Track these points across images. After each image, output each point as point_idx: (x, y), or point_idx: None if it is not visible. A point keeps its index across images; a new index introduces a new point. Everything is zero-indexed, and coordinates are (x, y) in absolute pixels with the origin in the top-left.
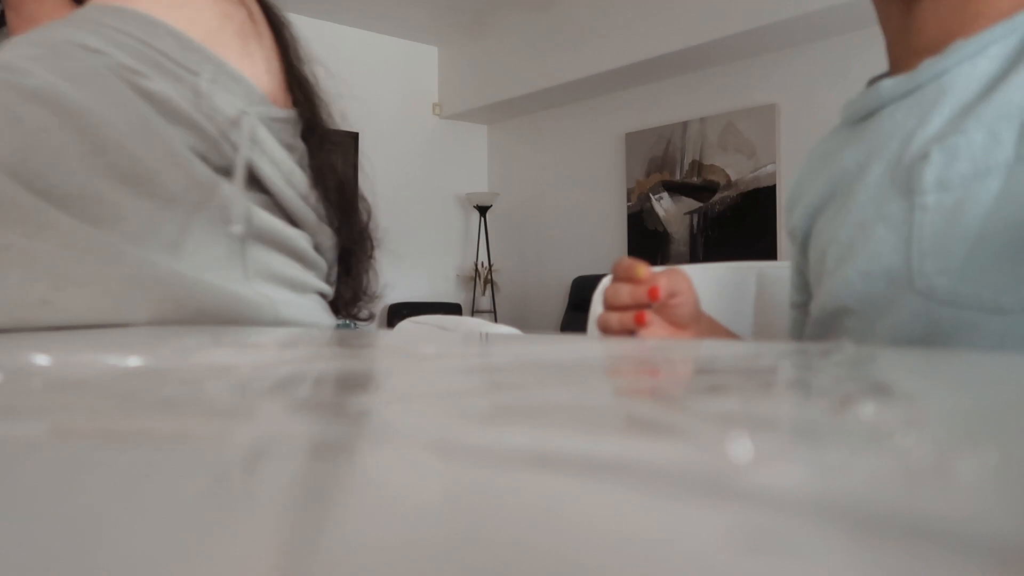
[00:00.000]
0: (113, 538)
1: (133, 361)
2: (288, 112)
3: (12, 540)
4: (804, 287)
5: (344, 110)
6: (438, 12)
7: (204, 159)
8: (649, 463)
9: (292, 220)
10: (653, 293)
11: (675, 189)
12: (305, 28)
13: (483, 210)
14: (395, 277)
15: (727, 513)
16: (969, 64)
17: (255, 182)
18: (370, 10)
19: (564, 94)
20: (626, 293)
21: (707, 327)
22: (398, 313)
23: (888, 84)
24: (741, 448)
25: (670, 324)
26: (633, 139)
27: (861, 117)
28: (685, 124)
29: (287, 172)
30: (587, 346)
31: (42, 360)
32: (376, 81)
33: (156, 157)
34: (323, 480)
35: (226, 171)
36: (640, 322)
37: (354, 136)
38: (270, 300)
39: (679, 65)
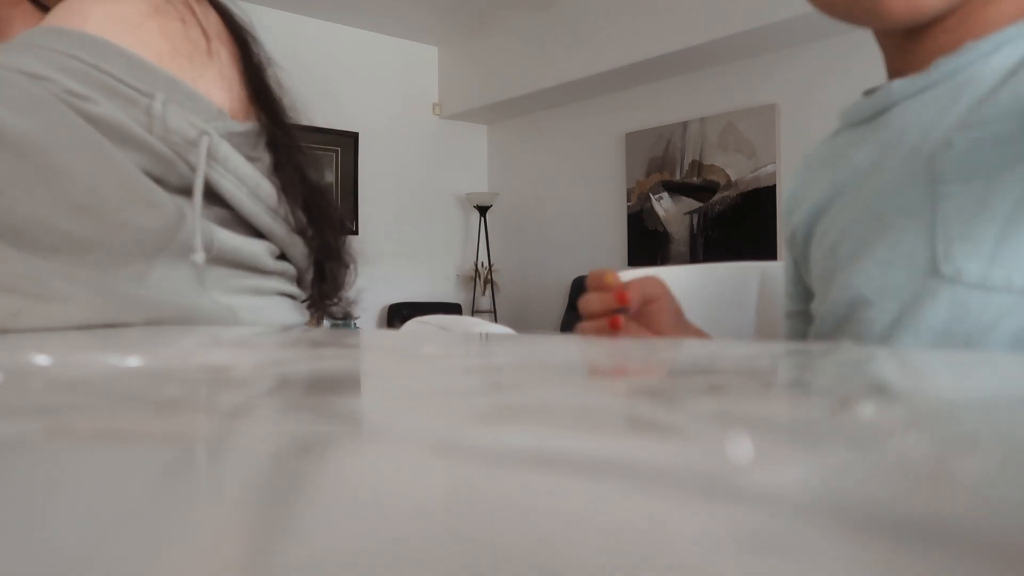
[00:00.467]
0: (113, 537)
1: (133, 361)
2: (249, 125)
3: (11, 538)
4: (802, 296)
5: (345, 110)
6: (438, 12)
7: (160, 182)
8: (649, 463)
9: (258, 233)
10: (622, 297)
11: (675, 189)
12: (305, 28)
13: (483, 210)
14: (395, 277)
15: (727, 513)
16: (983, 62)
17: (217, 199)
18: (370, 10)
19: (564, 94)
20: (597, 301)
21: (691, 335)
22: (398, 313)
23: (900, 83)
24: (741, 448)
25: (651, 331)
26: (633, 139)
27: (867, 118)
28: (685, 124)
29: (253, 186)
30: (586, 346)
31: (42, 360)
32: (376, 81)
33: (110, 183)
34: (320, 480)
35: (185, 192)
36: (614, 327)
37: (354, 136)
38: (229, 308)
39: (679, 65)
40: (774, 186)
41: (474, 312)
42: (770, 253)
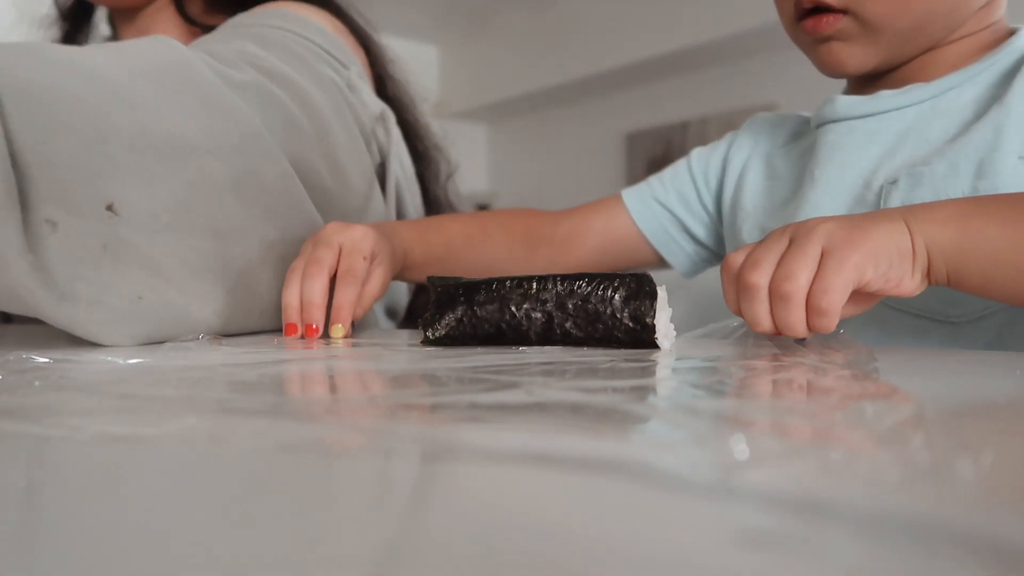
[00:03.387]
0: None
1: (132, 361)
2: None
3: (11, 537)
4: (688, 200)
5: None
6: (438, 12)
7: (366, 151)
8: (649, 463)
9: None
10: (308, 331)
11: None
12: None
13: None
14: None
15: (727, 512)
16: (930, 105)
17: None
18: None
19: (565, 94)
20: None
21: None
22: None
23: (846, 102)
24: (741, 448)
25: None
26: (634, 139)
27: (819, 124)
28: (686, 124)
29: (410, 177)
30: (583, 347)
31: (42, 360)
32: None
33: (346, 146)
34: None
35: (365, 177)
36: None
37: None
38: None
39: (680, 65)
40: None
41: None
42: None
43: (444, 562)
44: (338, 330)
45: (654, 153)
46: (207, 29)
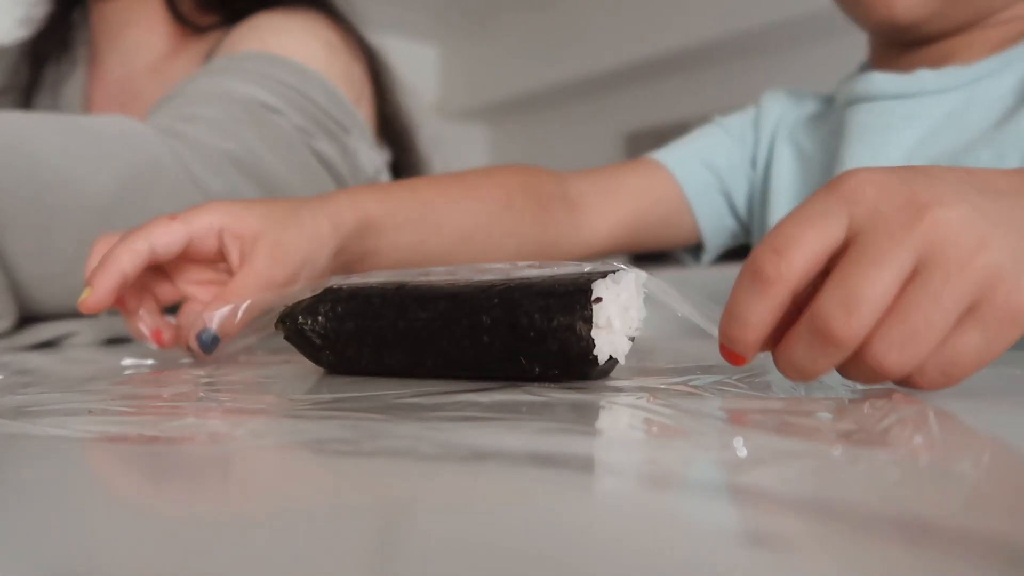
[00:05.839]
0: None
1: (132, 360)
2: (385, 153)
3: (11, 534)
4: (733, 165)
5: None
6: (438, 12)
7: None
8: (650, 463)
9: None
10: (156, 336)
11: None
12: None
13: None
14: None
15: (727, 512)
16: (968, 91)
17: None
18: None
19: (565, 94)
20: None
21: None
22: None
23: (882, 80)
24: (741, 448)
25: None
26: (634, 139)
27: (848, 103)
28: (686, 124)
29: None
30: None
31: (42, 360)
32: None
33: None
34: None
35: None
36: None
37: None
38: None
39: (680, 65)
40: None
41: None
42: None
43: (440, 560)
44: (84, 292)
45: None
46: (196, 29)
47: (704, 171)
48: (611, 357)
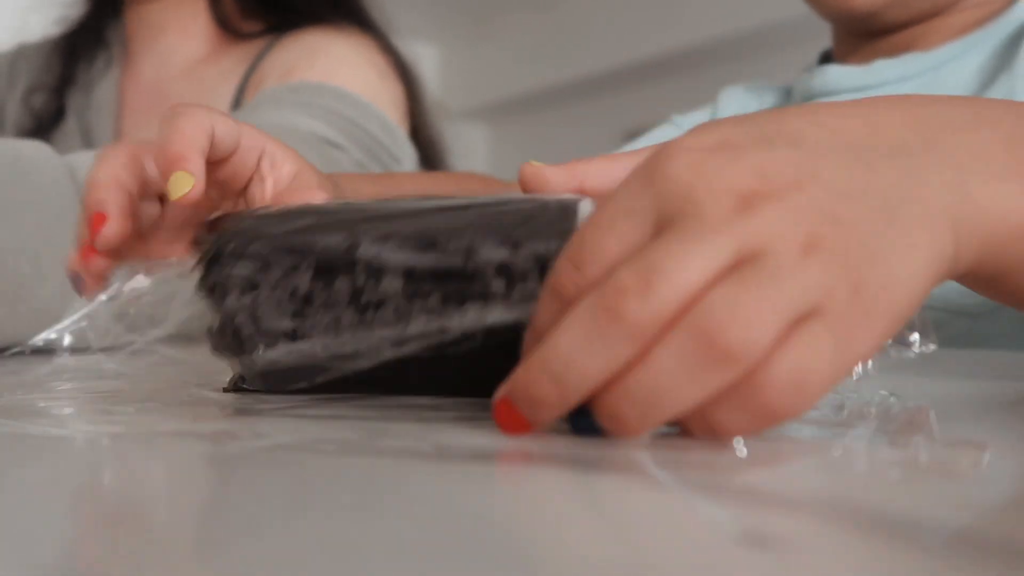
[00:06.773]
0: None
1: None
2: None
3: (11, 533)
4: None
5: None
6: (438, 12)
7: None
8: (650, 463)
9: None
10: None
11: None
12: None
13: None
14: None
15: (728, 512)
16: (931, 77)
17: None
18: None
19: (565, 94)
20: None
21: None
22: None
23: (838, 73)
24: (741, 448)
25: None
26: (634, 139)
27: (805, 99)
28: None
29: None
30: None
31: (42, 360)
32: None
33: None
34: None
35: None
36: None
37: None
38: None
39: (680, 65)
40: None
41: None
42: None
43: (442, 559)
44: (181, 181)
45: None
46: (240, 36)
47: None
48: None
